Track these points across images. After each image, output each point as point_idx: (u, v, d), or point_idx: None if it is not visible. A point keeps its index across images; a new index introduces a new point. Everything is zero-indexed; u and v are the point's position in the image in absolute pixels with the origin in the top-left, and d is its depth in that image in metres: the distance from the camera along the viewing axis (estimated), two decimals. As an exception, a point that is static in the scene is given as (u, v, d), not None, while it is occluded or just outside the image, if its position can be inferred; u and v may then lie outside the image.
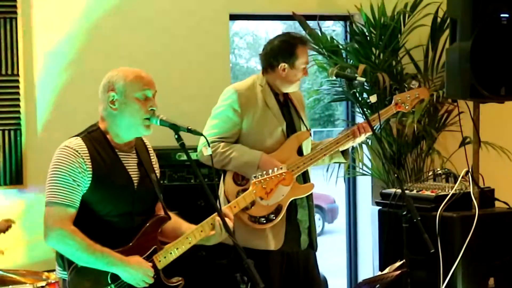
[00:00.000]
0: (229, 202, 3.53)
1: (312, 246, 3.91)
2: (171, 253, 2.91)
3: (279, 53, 3.82)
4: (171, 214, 3.04)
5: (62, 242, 2.77)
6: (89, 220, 2.84)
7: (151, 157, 3.09)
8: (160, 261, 2.90)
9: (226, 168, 3.76)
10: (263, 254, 3.72)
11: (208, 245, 3.03)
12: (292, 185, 3.68)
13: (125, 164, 2.93)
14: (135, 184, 2.93)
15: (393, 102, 4.03)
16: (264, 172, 3.12)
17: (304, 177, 3.87)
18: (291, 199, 3.75)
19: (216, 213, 2.93)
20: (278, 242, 3.74)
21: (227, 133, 3.76)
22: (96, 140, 2.88)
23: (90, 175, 2.82)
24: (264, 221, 3.71)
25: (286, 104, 3.92)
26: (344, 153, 4.02)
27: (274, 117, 3.80)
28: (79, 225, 2.81)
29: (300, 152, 3.85)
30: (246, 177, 3.70)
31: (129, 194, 2.91)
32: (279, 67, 3.79)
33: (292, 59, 3.78)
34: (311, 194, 3.89)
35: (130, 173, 2.93)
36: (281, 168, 3.15)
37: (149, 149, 3.10)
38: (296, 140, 3.82)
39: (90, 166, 2.82)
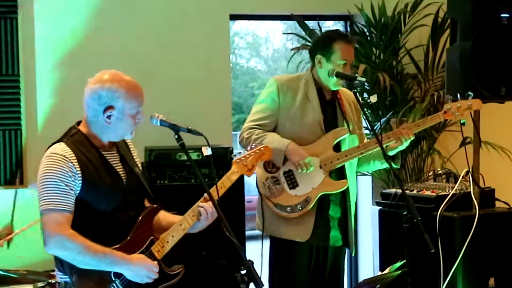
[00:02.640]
0: (258, 187, 3.71)
1: (348, 245, 3.91)
2: (167, 241, 2.93)
3: (317, 45, 3.86)
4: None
5: (63, 247, 2.75)
6: (86, 219, 2.84)
7: (131, 151, 3.12)
8: (158, 251, 2.92)
9: None
10: (290, 244, 3.76)
11: (194, 232, 3.02)
12: (324, 180, 3.73)
13: (111, 162, 2.95)
14: (124, 179, 2.96)
15: (442, 110, 3.91)
16: (243, 150, 3.16)
17: (341, 175, 3.85)
18: (321, 193, 3.75)
19: (203, 197, 2.99)
20: (304, 234, 3.74)
21: (264, 121, 3.82)
22: (80, 142, 2.89)
23: (80, 178, 2.82)
24: (290, 211, 3.73)
25: (332, 102, 3.91)
26: (394, 158, 3.92)
27: (312, 110, 3.82)
28: (78, 224, 2.82)
29: (338, 148, 3.84)
30: (276, 165, 3.74)
31: (120, 190, 2.93)
32: (316, 59, 3.82)
33: (328, 52, 3.77)
34: (349, 194, 3.86)
35: (117, 169, 2.96)
36: (263, 144, 3.21)
37: (128, 143, 3.12)
38: (333, 136, 3.82)
39: (79, 169, 2.83)
